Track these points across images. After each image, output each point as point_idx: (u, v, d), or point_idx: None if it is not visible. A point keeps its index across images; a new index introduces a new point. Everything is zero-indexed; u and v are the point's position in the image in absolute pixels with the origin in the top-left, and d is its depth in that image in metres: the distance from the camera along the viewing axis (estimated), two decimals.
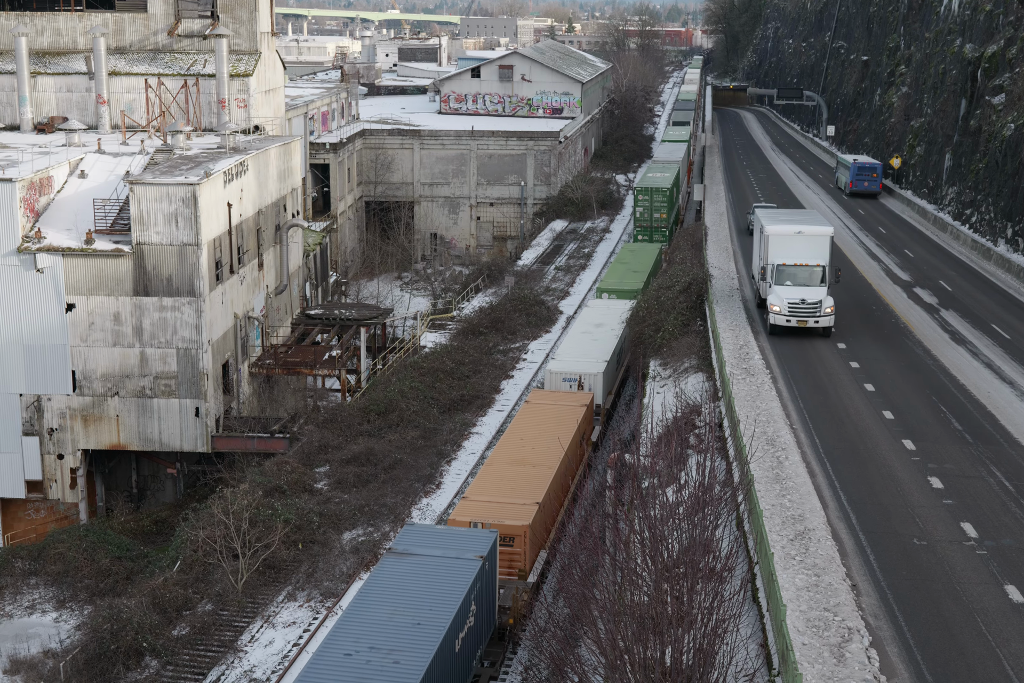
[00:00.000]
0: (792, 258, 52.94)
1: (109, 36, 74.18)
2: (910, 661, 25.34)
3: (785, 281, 52.39)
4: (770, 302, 52.32)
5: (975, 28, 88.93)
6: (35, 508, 58.98)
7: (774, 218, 57.58)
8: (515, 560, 37.88)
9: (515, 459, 42.86)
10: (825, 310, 51.52)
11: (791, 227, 54.62)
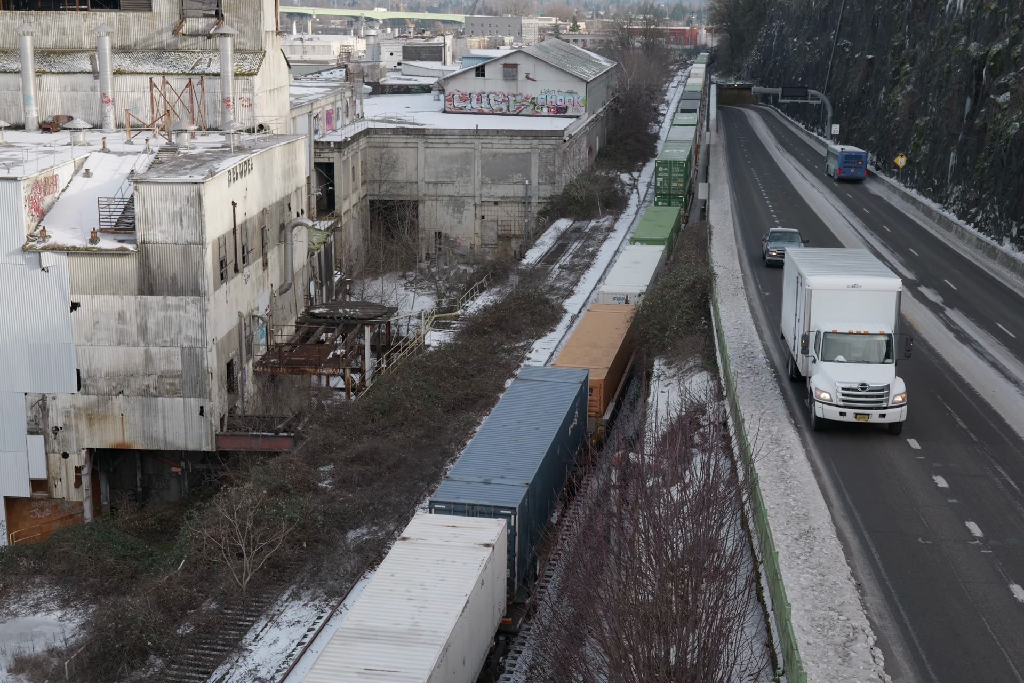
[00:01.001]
0: (846, 323, 39.96)
1: (114, 35, 74.18)
2: (915, 660, 25.31)
3: (836, 356, 39.45)
4: (815, 386, 38.83)
5: (980, 26, 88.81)
6: (40, 507, 59.02)
7: (815, 263, 44.33)
8: (594, 404, 54.01)
9: (586, 343, 59.41)
10: (894, 398, 38.02)
11: (842, 278, 41.48)
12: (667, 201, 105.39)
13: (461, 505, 37.10)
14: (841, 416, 38.13)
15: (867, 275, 42.11)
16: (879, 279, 41.62)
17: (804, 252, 48.04)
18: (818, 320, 40.55)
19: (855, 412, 38.04)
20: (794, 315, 43.98)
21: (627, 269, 73.74)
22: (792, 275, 45.30)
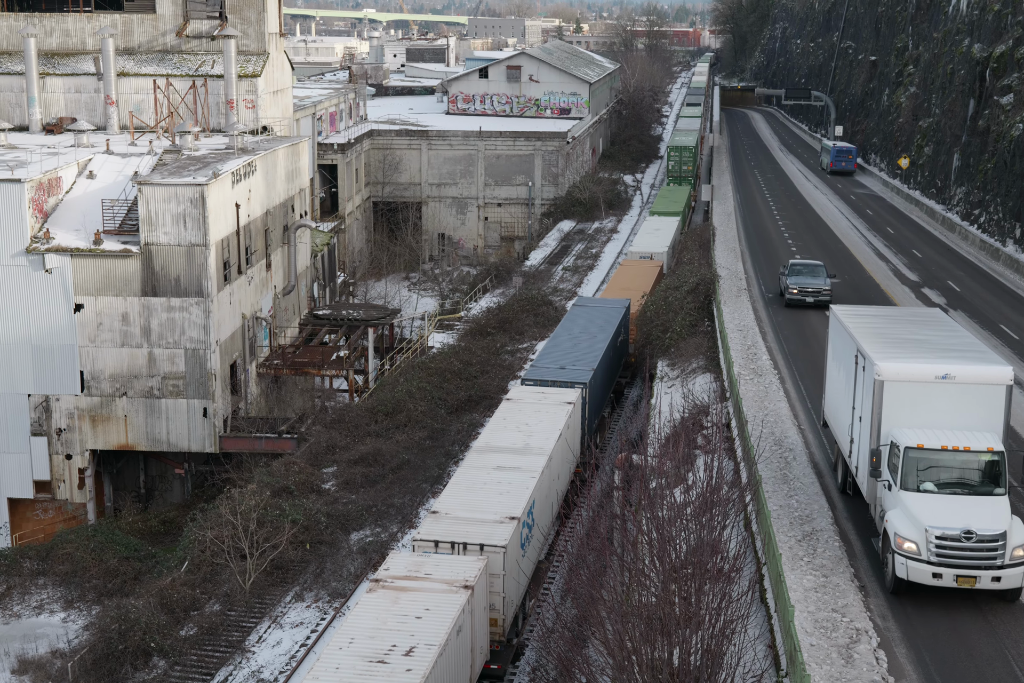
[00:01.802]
0: (936, 434, 28.79)
1: (118, 37, 74.24)
2: (918, 662, 25.30)
3: (923, 483, 28.19)
4: (894, 529, 27.62)
5: (983, 28, 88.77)
6: (43, 508, 59.06)
7: (881, 335, 32.82)
8: (632, 331, 63.28)
9: (622, 287, 69.20)
10: (1013, 553, 26.80)
11: (928, 364, 29.71)
12: (678, 182, 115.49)
13: (545, 381, 48.80)
14: (935, 579, 26.93)
15: (960, 358, 30.34)
16: (980, 367, 29.69)
17: (859, 315, 35.78)
18: (893, 427, 29.26)
19: (956, 573, 26.75)
20: (851, 408, 32.49)
21: (649, 234, 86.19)
22: (845, 349, 33.85)
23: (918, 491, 27.97)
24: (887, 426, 29.39)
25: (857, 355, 31.95)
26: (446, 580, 30.86)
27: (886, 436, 29.31)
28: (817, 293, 58.49)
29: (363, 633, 28.45)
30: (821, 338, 53.10)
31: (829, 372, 36.97)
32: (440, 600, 29.79)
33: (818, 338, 53.38)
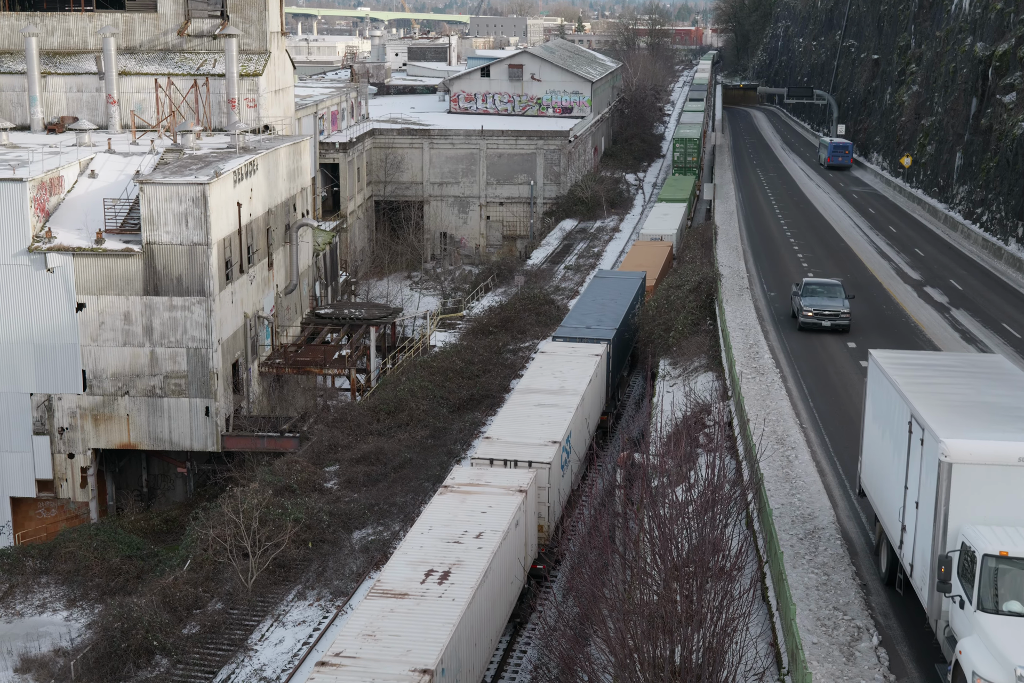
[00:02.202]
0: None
1: (119, 36, 74.26)
2: (920, 660, 25.29)
3: (1008, 602, 21.96)
4: (974, 667, 21.13)
5: (986, 26, 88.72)
6: (46, 507, 59.10)
7: (939, 395, 26.77)
8: (648, 293, 67.77)
9: (636, 264, 73.76)
10: None
11: (1010, 442, 23.57)
12: (683, 172, 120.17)
13: (573, 338, 54.62)
14: None
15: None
16: None
17: (907, 364, 29.30)
18: (965, 523, 23.08)
19: None
20: (902, 486, 26.35)
21: (658, 218, 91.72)
22: (892, 408, 27.76)
23: (1002, 614, 21.46)
24: (956, 521, 22.89)
25: (912, 422, 25.53)
26: (503, 486, 36.75)
27: (955, 535, 22.87)
28: (835, 316, 53.74)
29: (439, 523, 34.20)
30: (824, 335, 53.19)
31: (868, 433, 30.49)
32: (500, 500, 35.67)
33: (821, 336, 53.42)
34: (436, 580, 30.79)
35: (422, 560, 31.92)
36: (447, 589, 30.34)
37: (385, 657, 27.08)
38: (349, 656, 27.17)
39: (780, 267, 70.27)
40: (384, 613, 29.05)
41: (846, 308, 53.84)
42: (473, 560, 31.91)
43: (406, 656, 27.09)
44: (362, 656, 27.18)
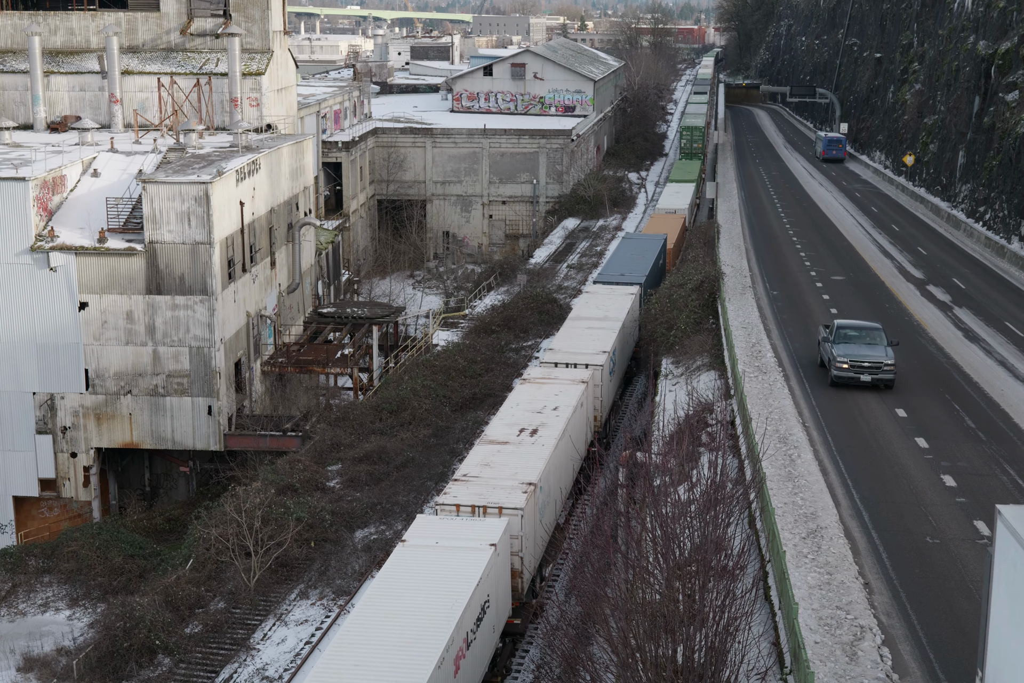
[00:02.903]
0: None
1: (122, 35, 74.29)
2: (923, 659, 25.28)
3: None
4: None
5: (989, 25, 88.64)
6: (48, 506, 59.14)
7: None
8: (668, 253, 77.85)
9: (656, 229, 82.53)
10: None
11: None
12: (689, 157, 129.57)
13: (611, 282, 64.90)
14: None
15: None
16: None
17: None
18: None
19: None
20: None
21: (671, 195, 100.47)
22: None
23: None
24: None
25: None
26: (568, 379, 47.51)
27: None
28: (876, 369, 43.96)
29: (523, 401, 44.80)
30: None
31: (998, 630, 19.03)
32: (567, 388, 46.48)
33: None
34: (528, 434, 41.34)
35: (514, 423, 42.49)
36: (536, 440, 40.84)
37: (500, 476, 37.59)
38: (473, 476, 37.75)
39: (783, 266, 70.24)
40: (493, 453, 39.58)
41: (890, 358, 44.01)
42: (553, 423, 42.42)
43: (515, 476, 37.57)
44: (483, 476, 37.79)
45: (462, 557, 32.34)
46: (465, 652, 30.26)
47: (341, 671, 27.42)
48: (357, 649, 28.23)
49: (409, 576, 31.52)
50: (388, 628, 28.92)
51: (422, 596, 30.32)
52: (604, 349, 52.17)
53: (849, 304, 59.65)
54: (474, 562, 32.13)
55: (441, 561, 32.21)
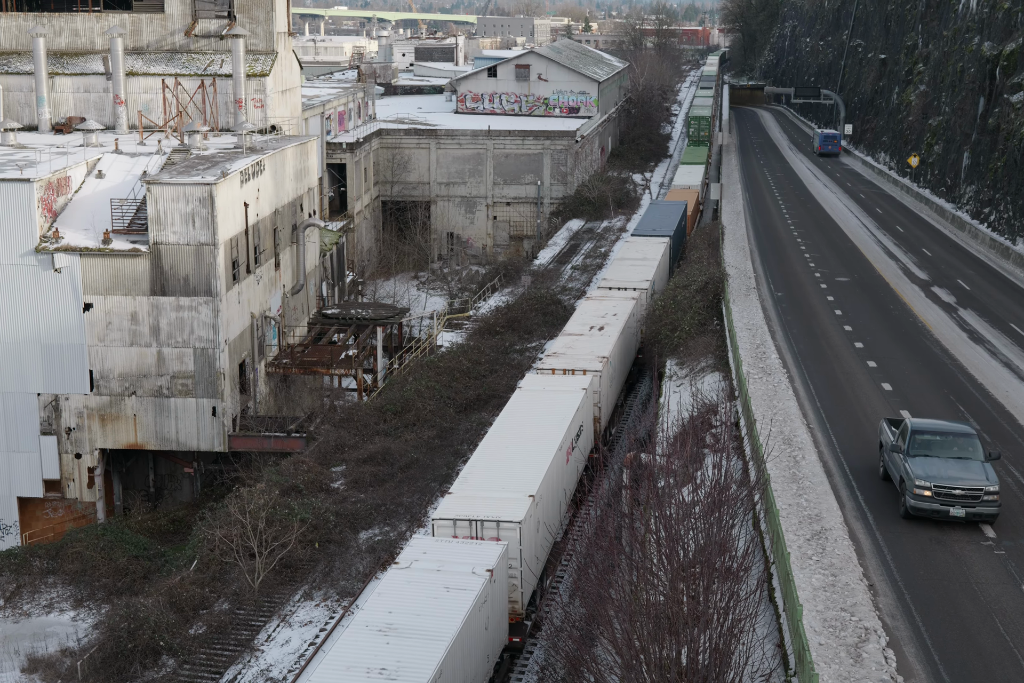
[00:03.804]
0: None
1: (126, 36, 74.33)
2: (927, 661, 25.25)
3: None
4: None
5: (993, 26, 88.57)
6: (53, 507, 59.17)
7: None
8: (688, 217, 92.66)
9: (676, 199, 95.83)
10: None
11: None
12: (696, 144, 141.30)
13: (645, 234, 78.77)
14: None
15: None
16: None
17: None
18: None
19: None
20: None
21: (685, 174, 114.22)
22: None
23: None
24: None
25: None
26: (622, 297, 62.43)
27: None
28: (974, 498, 31.94)
29: (588, 313, 58.41)
30: (831, 336, 53.06)
31: None
32: (620, 303, 60.53)
33: (828, 336, 53.30)
34: (596, 330, 55.87)
35: (586, 323, 57.01)
36: (603, 333, 55.42)
37: (581, 354, 51.94)
38: (561, 353, 52.21)
39: (787, 267, 70.21)
40: (571, 341, 54.06)
41: (993, 483, 32.02)
42: (612, 323, 56.93)
43: (591, 353, 52.02)
44: (567, 353, 52.10)
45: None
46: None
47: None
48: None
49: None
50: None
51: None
52: (647, 277, 67.13)
53: (854, 305, 59.61)
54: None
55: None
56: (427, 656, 28.17)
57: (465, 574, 32.04)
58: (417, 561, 32.89)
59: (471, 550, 33.70)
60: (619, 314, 58.49)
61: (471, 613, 30.54)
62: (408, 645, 28.53)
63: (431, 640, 28.76)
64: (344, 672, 27.58)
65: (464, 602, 30.68)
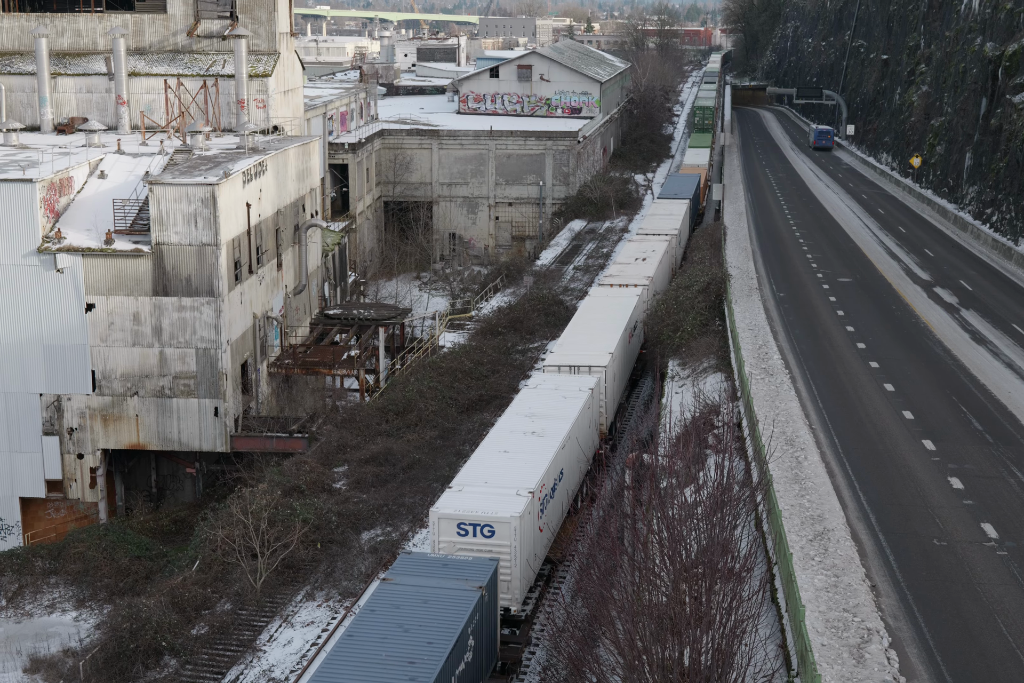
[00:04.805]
0: None
1: (129, 37, 74.36)
2: (930, 662, 25.24)
3: None
4: None
5: (996, 26, 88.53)
6: (55, 507, 59.20)
7: None
8: (701, 187, 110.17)
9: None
10: None
11: None
12: (701, 131, 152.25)
13: (669, 197, 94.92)
14: None
15: None
16: None
17: None
18: None
19: None
20: None
21: (693, 156, 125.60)
22: None
23: None
24: None
25: None
26: (660, 237, 78.02)
27: None
28: None
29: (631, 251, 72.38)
30: (834, 337, 53.05)
31: None
32: (658, 244, 75.30)
33: (830, 337, 53.32)
34: (641, 261, 70.41)
35: (631, 256, 72.01)
36: (646, 262, 69.90)
37: (629, 276, 65.86)
38: (615, 274, 66.69)
39: (790, 268, 70.19)
40: (622, 267, 69.39)
41: None
42: (651, 257, 71.51)
43: (639, 274, 66.63)
44: (620, 273, 67.34)
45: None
46: None
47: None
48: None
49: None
50: None
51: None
52: (676, 227, 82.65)
53: (856, 306, 59.59)
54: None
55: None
56: (561, 426, 42.44)
57: (574, 390, 46.79)
58: (540, 384, 48.05)
59: (575, 379, 49.05)
60: (656, 250, 74.44)
61: (581, 410, 44.74)
62: (547, 421, 42.82)
63: (562, 420, 43.20)
64: (508, 433, 42.06)
65: (577, 402, 45.32)
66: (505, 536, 35.26)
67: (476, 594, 31.53)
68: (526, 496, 36.17)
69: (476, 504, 36.00)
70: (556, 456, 39.87)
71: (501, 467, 38.82)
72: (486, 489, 36.89)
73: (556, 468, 39.85)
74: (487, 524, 35.46)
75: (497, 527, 35.40)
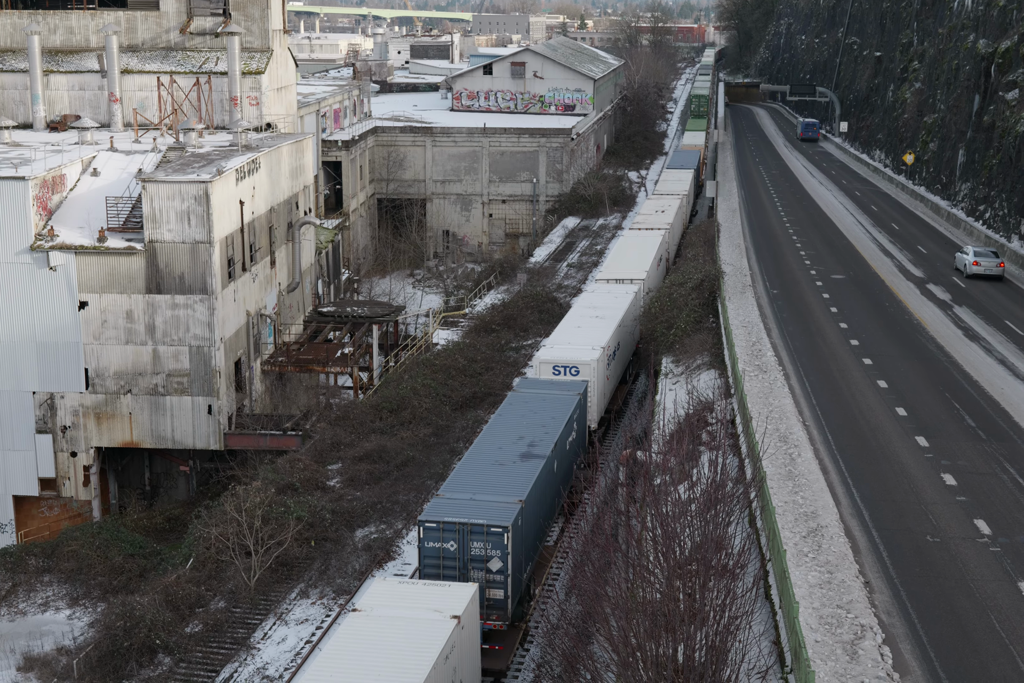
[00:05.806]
0: None
1: (121, 34, 74.25)
2: (923, 658, 25.28)
3: None
4: None
5: (989, 23, 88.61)
6: (48, 506, 59.13)
7: None
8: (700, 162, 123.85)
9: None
10: None
11: None
12: (697, 117, 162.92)
13: (676, 168, 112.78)
14: None
15: None
16: None
17: None
18: None
19: None
20: None
21: (691, 137, 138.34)
22: None
23: None
24: None
25: None
26: (670, 199, 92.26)
27: None
28: None
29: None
30: (828, 334, 53.12)
31: None
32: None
33: (824, 334, 53.37)
34: (660, 212, 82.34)
35: (653, 209, 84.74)
36: (665, 214, 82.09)
37: (655, 221, 76.56)
38: (640, 221, 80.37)
39: (783, 264, 70.23)
40: (646, 218, 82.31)
41: None
42: (668, 210, 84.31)
43: (665, 219, 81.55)
44: (646, 219, 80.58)
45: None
46: None
47: None
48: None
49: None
50: None
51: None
52: (685, 189, 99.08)
53: (849, 303, 59.65)
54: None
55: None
56: (616, 313, 55.90)
57: (622, 293, 61.31)
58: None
59: (623, 286, 63.19)
60: (672, 206, 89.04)
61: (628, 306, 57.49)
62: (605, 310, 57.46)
63: (616, 309, 57.72)
64: (578, 317, 54.96)
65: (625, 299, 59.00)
66: (587, 373, 50.29)
67: (576, 397, 46.49)
68: (600, 349, 51.79)
69: (565, 354, 51.43)
70: (616, 329, 55.32)
71: (578, 334, 53.98)
72: (570, 346, 52.32)
73: (615, 339, 55.06)
74: (574, 366, 50.54)
75: (581, 367, 50.45)
